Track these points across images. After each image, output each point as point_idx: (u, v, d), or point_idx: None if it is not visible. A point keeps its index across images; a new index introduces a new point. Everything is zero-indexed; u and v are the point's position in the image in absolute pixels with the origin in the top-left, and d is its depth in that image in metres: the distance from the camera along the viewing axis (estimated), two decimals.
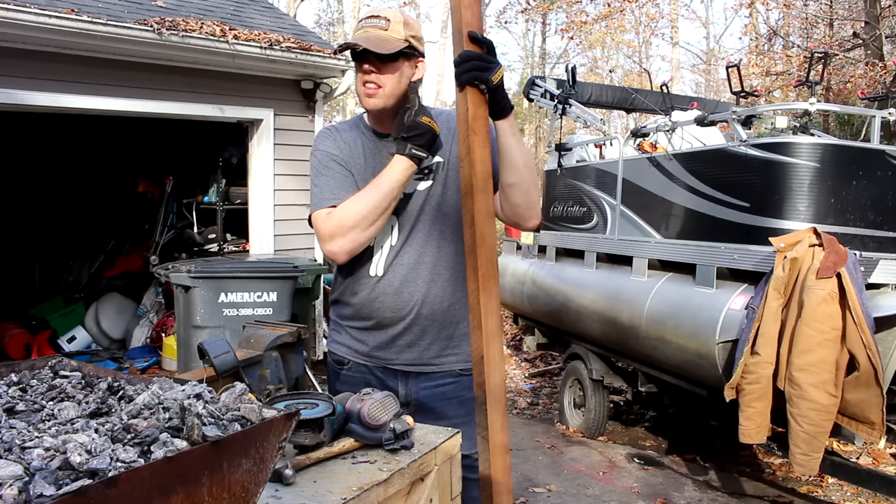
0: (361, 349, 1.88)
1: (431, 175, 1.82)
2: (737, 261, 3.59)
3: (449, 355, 1.86)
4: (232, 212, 6.40)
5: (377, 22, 1.74)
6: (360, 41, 1.70)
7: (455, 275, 1.82)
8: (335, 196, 1.76)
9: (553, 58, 21.37)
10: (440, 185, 1.82)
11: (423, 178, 1.81)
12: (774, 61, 13.04)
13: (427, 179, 1.82)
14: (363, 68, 1.74)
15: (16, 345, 6.19)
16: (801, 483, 4.10)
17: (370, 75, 1.73)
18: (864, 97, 4.92)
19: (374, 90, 1.74)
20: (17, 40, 4.53)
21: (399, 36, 1.73)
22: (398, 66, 1.74)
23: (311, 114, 6.12)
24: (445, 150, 1.83)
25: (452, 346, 1.86)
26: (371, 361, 1.88)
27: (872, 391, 2.93)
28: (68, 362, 1.19)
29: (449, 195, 1.82)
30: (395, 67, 1.74)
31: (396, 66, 1.74)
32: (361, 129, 1.89)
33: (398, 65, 1.74)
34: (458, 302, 1.83)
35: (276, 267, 4.46)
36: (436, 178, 1.82)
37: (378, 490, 1.27)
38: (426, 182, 1.82)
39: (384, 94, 1.75)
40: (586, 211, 5.07)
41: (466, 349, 1.83)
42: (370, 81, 1.74)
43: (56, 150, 7.67)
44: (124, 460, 0.80)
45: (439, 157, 1.82)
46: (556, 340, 5.74)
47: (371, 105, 1.77)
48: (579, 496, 3.87)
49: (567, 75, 5.31)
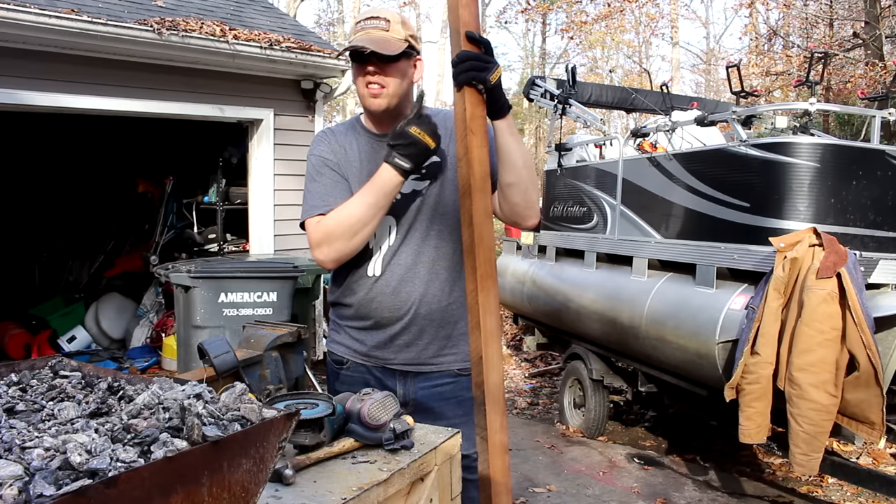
0: (360, 349, 1.88)
1: (429, 174, 1.82)
2: (737, 261, 3.59)
3: (447, 355, 1.86)
4: (232, 212, 6.40)
5: (378, 23, 1.73)
6: (365, 43, 1.69)
7: (452, 274, 1.82)
8: (325, 203, 1.77)
9: (553, 58, 21.39)
10: (438, 184, 1.82)
11: (420, 178, 1.81)
12: (774, 61, 13.05)
13: (425, 179, 1.82)
14: (367, 70, 1.73)
15: (16, 345, 6.19)
16: (801, 483, 4.10)
17: (374, 76, 1.73)
18: (864, 97, 4.91)
19: (378, 91, 1.74)
20: (17, 40, 4.53)
21: (400, 36, 1.74)
22: (400, 66, 1.75)
23: (311, 114, 6.12)
24: (443, 150, 1.83)
25: (450, 346, 1.85)
26: (369, 361, 1.88)
27: (872, 391, 2.93)
28: (68, 362, 1.19)
29: (447, 195, 1.82)
30: (398, 67, 1.74)
31: (399, 66, 1.74)
32: (358, 130, 1.89)
33: (400, 65, 1.75)
34: (456, 301, 1.83)
35: (276, 267, 4.46)
36: (433, 177, 1.82)
37: (378, 490, 1.27)
38: (424, 182, 1.82)
39: (388, 94, 1.75)
40: (586, 211, 5.07)
41: (465, 349, 1.83)
42: (374, 82, 1.74)
43: (56, 150, 7.67)
44: (124, 460, 0.80)
45: (436, 157, 1.82)
46: (556, 340, 5.74)
47: (376, 105, 1.76)
48: (579, 496, 3.87)
49: (567, 75, 5.31)
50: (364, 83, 1.75)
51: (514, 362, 7.53)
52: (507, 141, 1.65)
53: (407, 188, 1.79)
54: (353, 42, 1.72)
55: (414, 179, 1.80)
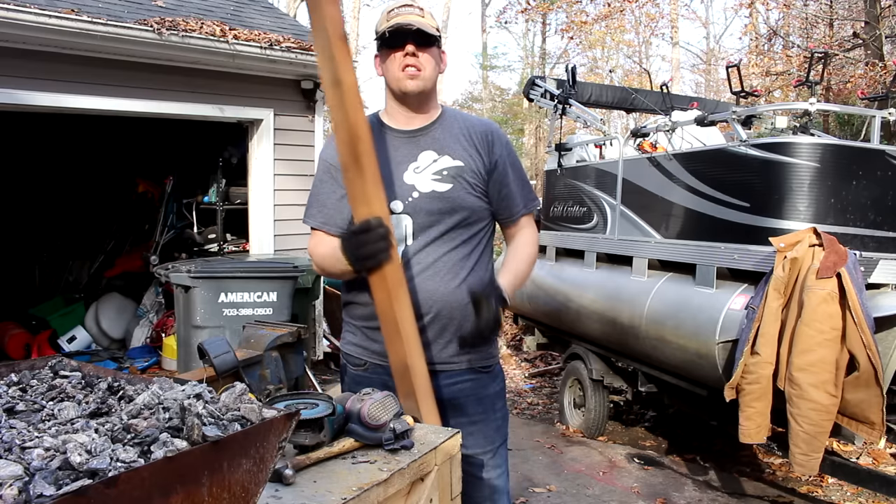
0: (378, 349, 1.85)
1: (452, 178, 1.81)
2: (737, 261, 3.59)
3: (466, 353, 1.85)
4: (232, 212, 6.40)
5: (414, 10, 1.76)
6: (408, 22, 1.71)
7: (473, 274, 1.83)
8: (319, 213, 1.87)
9: (553, 58, 21.38)
10: (460, 189, 1.81)
11: (441, 181, 1.81)
12: (774, 61, 13.04)
13: (447, 182, 1.81)
14: (406, 50, 1.74)
15: (16, 345, 6.19)
16: (801, 483, 4.10)
17: (412, 58, 1.75)
18: (864, 97, 4.92)
19: (416, 73, 1.76)
20: (17, 40, 4.53)
21: (433, 24, 1.78)
22: (434, 52, 1.79)
23: (311, 114, 6.12)
24: (465, 155, 1.83)
25: (469, 345, 1.85)
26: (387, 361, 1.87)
27: (872, 391, 2.93)
28: (68, 362, 1.19)
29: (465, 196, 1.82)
30: (433, 53, 1.79)
31: (434, 52, 1.79)
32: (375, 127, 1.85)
33: (434, 50, 1.79)
34: None
35: (276, 267, 4.46)
36: (457, 180, 1.81)
37: (378, 490, 1.27)
38: (446, 184, 1.80)
39: (424, 77, 1.77)
40: (586, 211, 5.07)
41: (484, 346, 1.87)
42: (412, 65, 1.75)
43: (56, 150, 7.66)
44: (124, 460, 0.80)
45: (459, 161, 1.82)
46: (556, 340, 5.74)
47: (412, 87, 1.77)
48: (579, 496, 3.87)
49: (567, 75, 5.32)
50: (401, 65, 1.76)
51: (514, 362, 7.53)
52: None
53: (426, 188, 1.80)
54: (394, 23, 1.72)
55: (433, 180, 1.80)
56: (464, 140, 1.84)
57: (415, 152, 1.83)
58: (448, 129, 1.85)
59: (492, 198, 1.87)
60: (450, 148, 1.83)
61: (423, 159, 1.82)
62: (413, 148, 1.83)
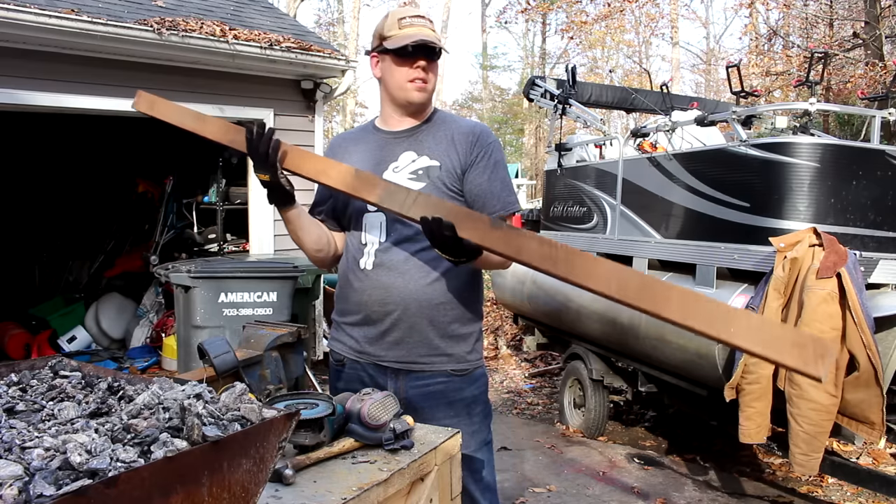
0: (354, 346, 1.89)
1: (427, 177, 1.82)
2: (737, 261, 3.59)
3: (439, 355, 1.84)
4: (232, 212, 6.40)
5: (426, 22, 1.82)
6: (429, 38, 1.77)
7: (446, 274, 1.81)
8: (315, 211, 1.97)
9: (553, 58, 21.39)
10: (433, 187, 1.81)
11: (416, 180, 1.82)
12: (774, 61, 13.04)
13: (421, 181, 1.82)
14: (419, 64, 1.80)
15: (16, 345, 6.19)
16: (801, 483, 4.10)
17: (422, 72, 1.81)
18: (864, 97, 4.91)
19: (423, 86, 1.83)
20: (17, 40, 4.53)
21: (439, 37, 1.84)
22: (437, 66, 1.86)
23: (311, 114, 6.12)
24: (443, 155, 1.83)
25: (444, 347, 1.84)
26: (363, 358, 1.88)
27: (872, 391, 2.93)
28: (68, 362, 1.19)
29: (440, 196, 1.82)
30: (437, 66, 1.86)
31: (437, 65, 1.86)
32: (370, 130, 1.96)
33: (437, 64, 1.86)
34: (450, 302, 1.82)
35: (276, 267, 4.46)
36: (431, 179, 1.82)
37: (378, 490, 1.27)
38: (420, 183, 1.81)
39: (429, 90, 1.85)
40: (586, 211, 5.08)
41: (457, 350, 1.85)
42: (421, 78, 1.81)
43: (56, 150, 7.66)
44: (124, 460, 0.80)
45: (436, 161, 1.83)
46: (556, 340, 5.74)
47: (419, 98, 1.84)
48: (579, 496, 3.87)
49: (567, 75, 5.31)
50: (410, 76, 1.81)
51: (514, 362, 7.53)
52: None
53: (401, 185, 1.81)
54: (410, 36, 1.77)
55: (408, 179, 1.81)
56: (445, 141, 1.86)
57: (396, 152, 1.86)
58: (433, 131, 1.88)
59: (466, 195, 1.85)
60: (430, 149, 1.85)
61: (403, 159, 1.85)
62: (395, 148, 1.87)
